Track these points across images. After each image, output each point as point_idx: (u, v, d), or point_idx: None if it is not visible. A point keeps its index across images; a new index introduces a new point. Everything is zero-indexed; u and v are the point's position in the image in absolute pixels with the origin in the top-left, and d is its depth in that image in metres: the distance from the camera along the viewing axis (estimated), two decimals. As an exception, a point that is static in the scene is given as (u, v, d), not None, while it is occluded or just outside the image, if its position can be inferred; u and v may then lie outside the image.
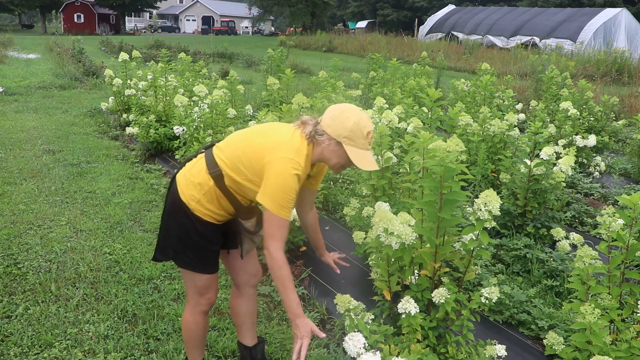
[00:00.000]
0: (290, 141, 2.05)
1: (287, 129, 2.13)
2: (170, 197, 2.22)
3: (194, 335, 2.41)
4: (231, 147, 2.15)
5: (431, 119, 4.89)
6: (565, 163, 4.14)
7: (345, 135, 2.03)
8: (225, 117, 5.46)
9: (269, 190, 1.99)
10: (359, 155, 2.05)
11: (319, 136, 2.07)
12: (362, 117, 2.06)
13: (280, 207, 1.99)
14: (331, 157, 2.10)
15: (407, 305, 2.37)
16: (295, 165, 1.99)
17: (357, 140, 2.04)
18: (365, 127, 2.04)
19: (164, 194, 5.24)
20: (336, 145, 2.06)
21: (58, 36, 30.09)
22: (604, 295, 2.45)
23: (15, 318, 3.08)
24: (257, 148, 2.06)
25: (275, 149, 2.02)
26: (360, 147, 2.05)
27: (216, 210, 2.16)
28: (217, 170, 2.12)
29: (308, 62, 19.30)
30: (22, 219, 4.52)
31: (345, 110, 2.07)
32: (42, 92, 11.68)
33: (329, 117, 2.07)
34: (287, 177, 1.98)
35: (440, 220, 2.43)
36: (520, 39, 27.72)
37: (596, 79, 15.09)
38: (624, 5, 33.15)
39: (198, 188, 2.13)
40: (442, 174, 2.37)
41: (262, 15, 53.28)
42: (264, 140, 2.08)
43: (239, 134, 2.23)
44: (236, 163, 2.09)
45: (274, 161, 1.99)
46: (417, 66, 9.75)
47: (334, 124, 2.05)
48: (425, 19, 38.14)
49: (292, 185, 1.99)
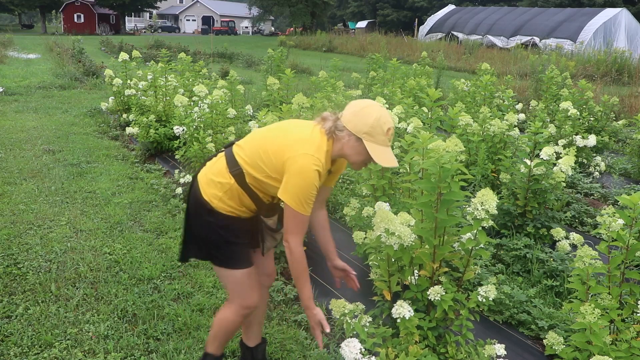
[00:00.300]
0: (311, 137, 2.05)
1: (307, 125, 2.13)
2: (192, 198, 2.23)
3: (227, 332, 2.39)
4: (251, 145, 2.15)
5: (431, 119, 4.89)
6: (565, 163, 4.14)
7: (366, 131, 2.02)
8: (225, 117, 5.46)
9: (290, 187, 2.00)
10: (379, 151, 2.04)
11: (339, 132, 2.06)
12: (383, 113, 2.05)
13: (301, 204, 2.01)
14: (351, 154, 2.09)
15: (401, 310, 2.37)
16: (316, 161, 2.00)
17: (377, 137, 2.03)
18: (386, 124, 2.03)
19: (164, 194, 5.24)
20: (356, 141, 2.05)
21: (58, 36, 30.09)
22: (604, 295, 2.45)
23: (15, 318, 3.08)
24: (278, 145, 2.06)
25: (295, 146, 2.02)
26: (381, 143, 2.04)
27: (238, 207, 2.17)
28: (238, 168, 2.13)
29: (308, 62, 19.30)
30: (22, 219, 4.52)
31: (367, 106, 2.06)
32: (42, 92, 11.68)
33: (350, 113, 2.06)
34: (308, 173, 1.98)
35: (437, 221, 2.43)
36: (520, 39, 27.71)
37: (596, 79, 15.09)
38: (624, 5, 33.15)
39: (219, 186, 2.14)
40: (438, 175, 2.37)
41: (262, 15, 53.28)
42: (285, 136, 2.09)
43: (260, 131, 2.24)
44: (256, 160, 2.10)
45: (294, 158, 2.00)
46: (417, 66, 9.75)
47: (355, 119, 2.04)
48: (425, 19, 38.14)
49: (313, 181, 2.00)
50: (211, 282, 3.56)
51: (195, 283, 3.57)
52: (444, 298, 2.39)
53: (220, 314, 2.38)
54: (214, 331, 2.42)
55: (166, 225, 4.51)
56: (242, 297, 2.28)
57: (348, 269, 2.43)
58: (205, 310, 3.23)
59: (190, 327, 3.05)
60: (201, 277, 3.63)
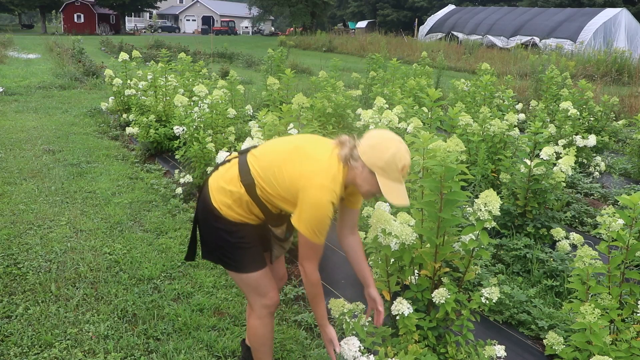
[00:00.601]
0: (328, 166, 2.02)
1: (325, 149, 2.08)
2: (201, 202, 2.22)
3: (264, 340, 2.35)
4: (267, 158, 2.13)
5: (431, 119, 4.89)
6: (565, 163, 4.14)
7: (380, 166, 1.98)
8: (225, 117, 5.47)
9: (305, 217, 1.99)
10: (390, 187, 2.00)
11: (354, 161, 2.03)
12: (401, 149, 2.00)
13: (315, 234, 2.01)
14: (362, 184, 2.06)
15: (400, 307, 2.37)
16: (331, 193, 1.98)
17: (391, 173, 1.99)
18: (401, 160, 1.99)
19: (164, 194, 5.25)
20: (369, 173, 2.01)
21: (58, 36, 30.08)
22: (604, 295, 2.45)
23: (15, 318, 3.08)
24: (293, 169, 2.04)
25: (312, 175, 2.00)
26: (394, 179, 2.00)
27: (247, 215, 2.16)
28: (250, 179, 2.11)
29: (308, 62, 19.30)
30: (22, 219, 4.52)
31: (385, 140, 2.01)
32: (42, 92, 11.68)
33: (367, 145, 2.02)
34: (323, 205, 1.97)
35: (440, 221, 2.43)
36: (520, 39, 27.71)
37: (596, 79, 15.09)
38: (624, 5, 33.15)
39: (229, 195, 2.13)
40: (442, 174, 2.37)
41: (262, 15, 53.27)
42: (301, 162, 2.05)
43: (277, 145, 2.20)
44: (269, 176, 2.08)
45: (309, 188, 1.98)
46: (417, 66, 9.75)
47: (371, 152, 2.00)
48: (425, 19, 38.13)
49: (328, 213, 1.99)
50: (211, 282, 3.56)
51: (195, 283, 3.57)
52: (448, 300, 2.39)
53: (249, 328, 2.36)
54: (254, 348, 2.39)
55: (166, 225, 4.51)
56: (260, 297, 2.26)
57: (378, 303, 2.33)
58: (205, 310, 3.23)
59: (190, 327, 3.05)
60: (201, 277, 3.63)
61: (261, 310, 2.28)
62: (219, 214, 2.14)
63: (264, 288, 2.25)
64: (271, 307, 2.30)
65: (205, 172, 4.96)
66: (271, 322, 2.34)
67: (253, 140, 3.75)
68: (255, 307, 2.29)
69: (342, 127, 6.40)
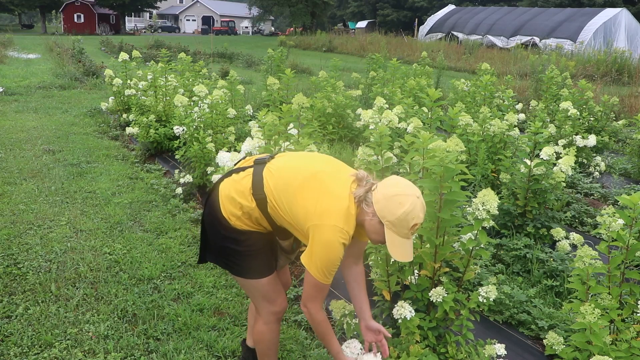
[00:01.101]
0: (343, 207, 1.95)
1: (344, 183, 2.00)
2: (209, 207, 2.18)
3: (270, 345, 2.33)
4: (283, 179, 2.05)
5: (431, 119, 4.89)
6: (565, 163, 4.14)
7: (390, 221, 1.90)
8: (225, 117, 5.47)
9: (315, 257, 1.94)
10: (396, 243, 1.93)
11: (366, 206, 1.96)
12: (416, 208, 1.90)
13: (324, 275, 1.96)
14: (370, 231, 2.00)
15: (402, 311, 2.36)
16: (344, 235, 1.93)
17: (400, 230, 1.91)
18: (414, 220, 1.90)
19: (164, 194, 5.25)
20: (379, 223, 1.94)
21: (58, 36, 30.08)
22: (604, 295, 2.45)
23: (15, 318, 3.08)
24: (310, 201, 1.96)
25: (327, 215, 1.93)
26: (402, 236, 1.93)
27: (255, 225, 2.13)
28: (263, 195, 2.05)
29: (308, 62, 19.30)
30: (22, 219, 4.52)
31: (400, 195, 1.91)
32: (42, 92, 11.68)
33: (382, 195, 1.93)
34: (335, 247, 1.92)
35: (440, 221, 2.43)
36: (520, 39, 27.72)
37: (596, 79, 15.09)
38: (624, 5, 33.15)
39: (239, 207, 2.09)
40: (441, 174, 2.37)
41: (262, 15, 53.26)
42: (319, 195, 1.97)
43: (295, 166, 2.11)
44: (283, 200, 2.02)
45: (322, 227, 1.92)
46: (417, 66, 9.75)
47: (384, 203, 1.91)
48: (425, 19, 38.13)
49: (339, 255, 1.94)
50: (211, 282, 3.56)
51: (195, 283, 3.57)
52: (445, 299, 2.39)
53: (255, 332, 2.34)
54: (259, 352, 2.37)
55: (166, 225, 4.51)
56: (268, 303, 2.24)
57: (383, 331, 2.25)
58: (205, 310, 3.23)
59: (190, 327, 3.05)
60: (201, 277, 3.63)
61: (269, 316, 2.25)
62: (227, 224, 2.10)
63: (272, 294, 2.23)
64: (279, 314, 2.28)
65: (205, 172, 4.96)
66: (278, 328, 2.33)
67: (253, 140, 3.74)
68: (263, 313, 2.26)
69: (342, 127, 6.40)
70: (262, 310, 2.26)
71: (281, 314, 2.29)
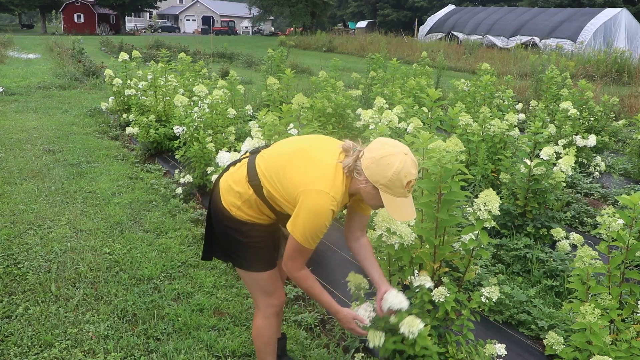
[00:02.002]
0: (330, 173, 1.95)
1: (331, 153, 2.02)
2: (212, 202, 2.23)
3: (268, 340, 2.34)
4: (273, 159, 2.09)
5: (431, 119, 4.89)
6: (565, 163, 4.14)
7: (383, 184, 1.89)
8: (225, 117, 5.47)
9: (300, 222, 1.94)
10: (394, 203, 1.90)
11: (358, 175, 1.95)
12: (406, 164, 1.88)
13: (307, 240, 1.96)
14: (367, 198, 1.99)
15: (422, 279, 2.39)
16: (332, 200, 1.91)
17: (395, 190, 1.89)
18: (407, 177, 1.87)
19: (164, 194, 5.25)
20: (373, 189, 1.93)
21: (58, 36, 30.08)
22: (604, 295, 2.45)
23: (15, 318, 3.08)
24: (297, 172, 1.99)
25: (313, 181, 1.94)
26: (399, 195, 1.90)
27: (258, 215, 2.15)
28: (257, 180, 2.08)
29: (308, 62, 19.30)
30: (22, 219, 4.52)
31: (388, 156, 1.89)
32: (42, 92, 11.68)
33: (370, 159, 1.91)
34: (321, 212, 1.91)
35: (438, 221, 2.43)
36: (520, 39, 27.72)
37: (596, 79, 15.09)
38: (624, 5, 33.15)
39: (238, 196, 2.12)
40: (439, 175, 2.37)
41: (262, 15, 53.26)
42: (305, 165, 1.99)
43: (284, 146, 2.15)
44: (274, 177, 2.05)
45: (309, 192, 1.92)
46: (417, 66, 9.75)
47: (373, 168, 1.90)
48: (425, 19, 38.14)
49: (325, 221, 1.93)
50: (211, 282, 3.56)
51: (195, 283, 3.57)
52: (447, 299, 2.39)
53: (254, 328, 2.36)
54: (258, 349, 2.39)
55: (166, 225, 4.51)
56: (267, 296, 2.26)
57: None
58: (205, 310, 3.23)
59: (190, 327, 3.05)
60: (201, 277, 3.63)
61: (267, 309, 2.28)
62: (228, 215, 2.14)
63: (271, 287, 2.26)
64: (277, 307, 2.30)
65: (205, 172, 4.96)
66: (277, 322, 2.35)
67: (253, 140, 3.74)
68: (262, 306, 2.29)
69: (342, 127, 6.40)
70: (260, 303, 2.29)
71: (280, 307, 2.32)
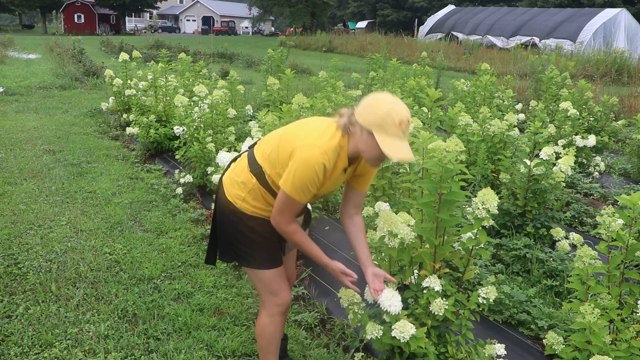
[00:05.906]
0: (323, 130, 2.00)
1: (324, 120, 2.10)
2: (218, 200, 2.25)
3: (271, 339, 2.34)
4: (269, 138, 2.16)
5: (431, 119, 4.89)
6: (565, 163, 4.14)
7: (376, 123, 1.90)
8: (225, 117, 5.47)
9: (292, 175, 1.96)
10: (390, 144, 1.90)
11: (352, 126, 1.98)
12: (396, 104, 1.93)
13: (298, 191, 1.97)
14: (365, 149, 1.98)
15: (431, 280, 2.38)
16: (323, 154, 1.93)
17: (389, 129, 1.90)
18: (398, 115, 1.90)
19: (164, 194, 5.25)
20: (368, 135, 1.94)
21: (58, 36, 30.08)
22: (603, 295, 2.45)
23: (16, 318, 3.08)
24: (290, 136, 2.04)
25: (305, 137, 1.99)
26: (392, 135, 1.91)
27: (263, 207, 2.15)
28: (258, 167, 2.12)
29: (308, 62, 19.30)
30: (22, 219, 4.52)
31: (378, 99, 1.96)
32: (42, 92, 11.68)
33: (362, 106, 1.97)
34: (312, 163, 1.93)
35: (439, 221, 2.43)
36: (520, 39, 27.72)
37: (596, 79, 15.09)
38: (624, 6, 33.15)
39: (242, 187, 2.14)
40: (440, 175, 2.37)
41: (262, 15, 53.24)
42: (297, 131, 2.06)
43: (282, 128, 2.21)
44: (271, 155, 2.08)
45: (301, 147, 1.96)
46: (417, 66, 9.76)
47: (365, 112, 1.94)
48: (425, 19, 38.14)
49: (316, 173, 1.94)
50: (211, 282, 3.57)
51: (195, 283, 3.57)
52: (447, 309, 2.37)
53: (258, 325, 2.36)
54: (260, 347, 2.38)
55: (166, 225, 4.51)
56: (272, 295, 2.26)
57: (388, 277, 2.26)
58: (205, 310, 3.23)
59: (190, 327, 3.05)
60: (201, 277, 3.63)
61: (272, 308, 2.29)
62: (234, 208, 2.15)
63: (277, 286, 2.26)
64: (282, 306, 2.30)
65: (206, 172, 4.97)
66: (281, 322, 2.35)
67: (253, 140, 3.75)
68: (267, 304, 2.29)
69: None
70: (266, 302, 2.30)
71: (285, 306, 2.31)
